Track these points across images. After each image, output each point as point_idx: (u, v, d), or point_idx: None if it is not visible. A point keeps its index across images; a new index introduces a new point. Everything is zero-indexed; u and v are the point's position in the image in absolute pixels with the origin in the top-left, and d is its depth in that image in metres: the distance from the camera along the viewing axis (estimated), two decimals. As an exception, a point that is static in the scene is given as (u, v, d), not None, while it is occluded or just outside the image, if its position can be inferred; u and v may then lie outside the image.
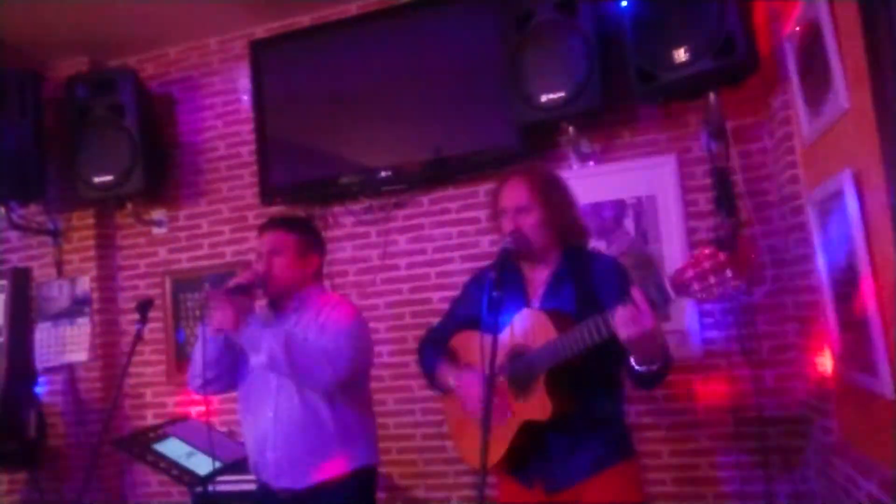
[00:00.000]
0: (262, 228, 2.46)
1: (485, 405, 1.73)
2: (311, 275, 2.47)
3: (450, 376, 2.15)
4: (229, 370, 2.41)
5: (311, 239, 2.49)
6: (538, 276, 2.10)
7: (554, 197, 2.09)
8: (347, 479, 2.31)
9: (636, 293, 1.69)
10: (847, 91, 2.06)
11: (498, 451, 2.00)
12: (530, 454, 2.01)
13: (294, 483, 2.28)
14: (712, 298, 1.62)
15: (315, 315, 2.38)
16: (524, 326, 2.00)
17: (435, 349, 2.27)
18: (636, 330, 1.68)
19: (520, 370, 1.98)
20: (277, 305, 2.45)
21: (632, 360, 1.80)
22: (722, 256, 1.59)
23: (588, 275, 2.04)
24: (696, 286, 1.61)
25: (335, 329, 2.31)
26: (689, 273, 1.61)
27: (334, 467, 2.29)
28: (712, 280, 1.59)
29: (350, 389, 2.33)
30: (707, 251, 1.61)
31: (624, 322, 1.69)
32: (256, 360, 2.27)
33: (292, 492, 2.29)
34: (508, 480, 2.10)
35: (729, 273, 1.58)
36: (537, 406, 1.92)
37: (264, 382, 2.35)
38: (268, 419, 2.32)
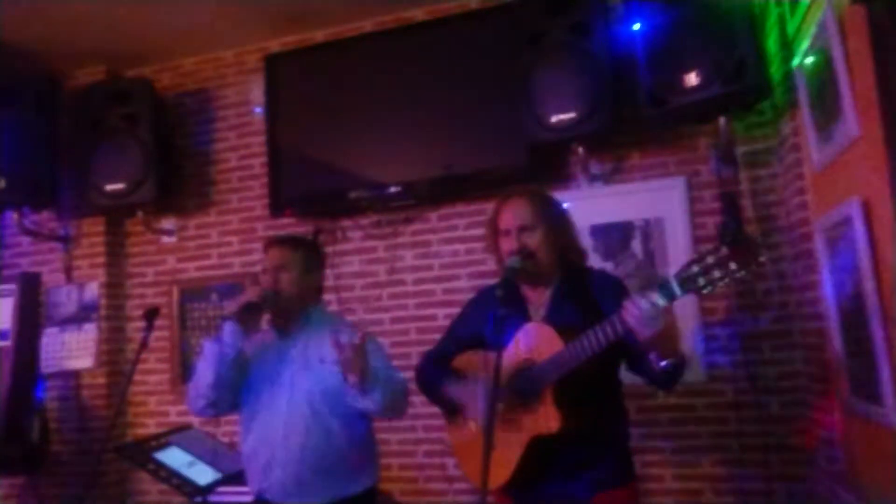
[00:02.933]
0: (268, 245, 2.46)
1: (488, 421, 1.73)
2: (315, 291, 2.49)
3: (453, 388, 2.14)
4: (232, 390, 2.38)
5: (315, 256, 2.51)
6: (539, 297, 2.11)
7: (554, 216, 2.11)
8: (357, 499, 2.32)
9: (648, 291, 1.70)
10: (857, 118, 2.06)
11: (506, 471, 1.99)
12: (535, 474, 2.00)
13: (302, 501, 2.27)
14: (716, 290, 1.65)
15: (325, 337, 2.24)
16: (529, 341, 2.00)
17: (437, 367, 2.26)
18: (653, 329, 1.68)
19: (526, 385, 1.97)
20: (282, 325, 2.44)
21: (651, 358, 1.80)
22: (725, 251, 1.61)
23: (588, 291, 2.05)
24: (701, 281, 1.63)
25: (383, 362, 2.34)
26: (694, 269, 1.64)
27: (343, 488, 2.30)
28: (717, 274, 1.61)
29: (355, 411, 2.31)
30: (710, 247, 1.64)
31: (639, 322, 1.69)
32: (363, 404, 2.19)
33: None
34: (507, 499, 2.08)
35: (733, 265, 1.60)
36: (545, 419, 1.92)
37: (273, 402, 2.33)
38: (277, 439, 2.29)
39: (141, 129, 3.79)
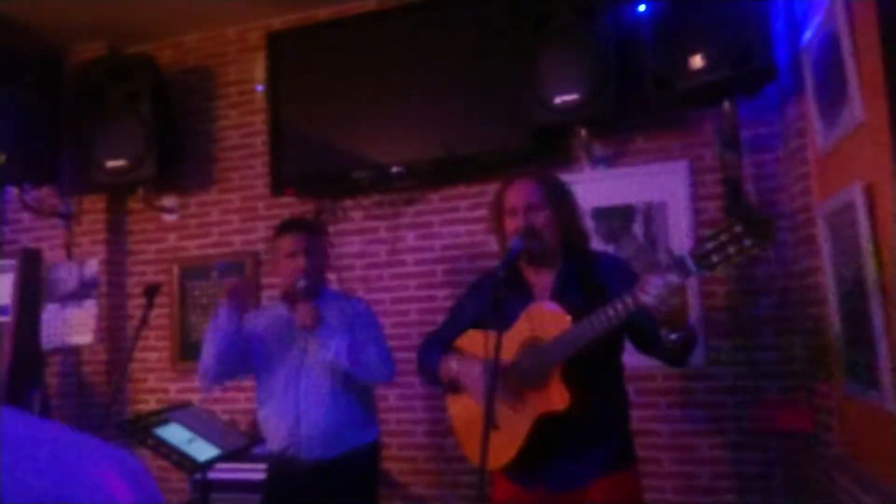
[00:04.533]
0: (290, 230, 2.64)
1: (487, 401, 1.73)
2: (324, 270, 2.76)
3: (452, 362, 2.12)
4: (234, 364, 2.62)
5: (325, 238, 2.85)
6: (543, 280, 2.10)
7: (561, 199, 2.11)
8: (366, 448, 2.61)
9: (667, 266, 1.71)
10: (862, 104, 2.05)
11: (511, 450, 1.99)
12: (540, 454, 2.00)
13: (325, 453, 2.53)
14: (732, 265, 1.66)
15: (334, 311, 2.60)
16: (536, 319, 1.99)
17: (437, 349, 2.25)
18: (666, 298, 1.69)
19: (533, 363, 1.97)
20: (292, 300, 2.63)
21: (662, 334, 1.80)
22: (739, 227, 1.61)
23: (593, 274, 2.04)
24: (714, 258, 1.64)
25: (375, 333, 2.63)
26: (708, 245, 1.65)
27: (356, 438, 2.59)
28: (731, 250, 1.62)
29: None
30: (724, 224, 1.64)
31: (654, 288, 1.69)
32: (317, 356, 2.53)
33: (322, 461, 2.53)
34: (505, 479, 2.09)
35: (747, 242, 1.60)
36: (554, 396, 1.91)
37: (290, 367, 2.59)
38: (299, 398, 2.56)
39: (142, 105, 3.78)
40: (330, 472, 2.53)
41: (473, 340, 2.15)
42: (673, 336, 1.79)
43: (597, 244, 3.22)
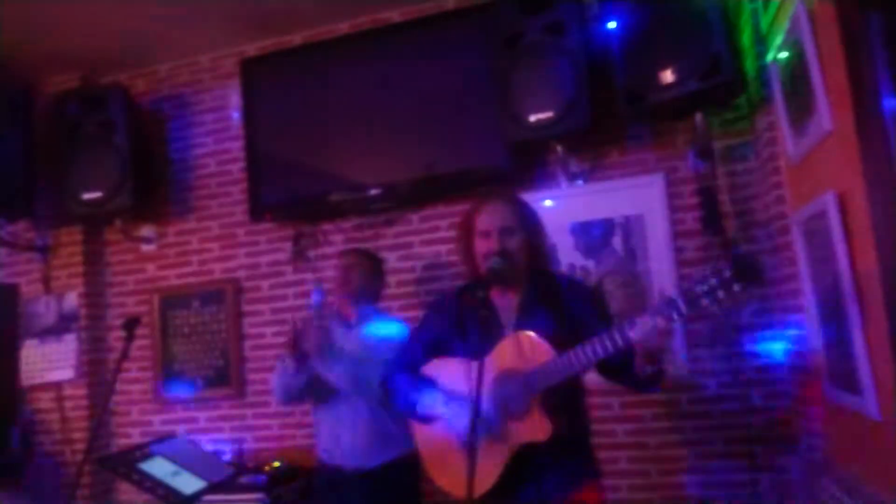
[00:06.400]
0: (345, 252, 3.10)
1: (471, 430, 1.73)
2: (376, 295, 3.03)
3: (437, 405, 2.08)
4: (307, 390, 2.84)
5: (378, 266, 3.06)
6: (508, 303, 2.12)
7: (532, 223, 2.15)
8: (406, 459, 2.67)
9: (662, 306, 1.75)
10: (830, 113, 2.09)
11: (489, 479, 1.98)
12: (513, 480, 2.00)
13: (366, 462, 2.72)
14: (722, 309, 1.72)
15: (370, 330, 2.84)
16: (514, 349, 1.99)
17: (410, 378, 2.20)
18: (657, 340, 1.77)
19: (513, 392, 1.97)
20: (342, 312, 2.93)
21: (637, 364, 1.84)
22: (728, 273, 1.66)
23: (557, 296, 2.08)
24: (705, 301, 1.69)
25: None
26: (698, 289, 1.69)
27: (396, 449, 2.71)
28: (721, 295, 1.67)
29: None
30: (713, 268, 1.69)
31: (644, 326, 1.75)
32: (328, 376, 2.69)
33: (364, 470, 2.72)
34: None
35: (736, 287, 1.65)
36: (534, 427, 1.93)
37: (333, 388, 2.76)
38: (343, 411, 2.76)
39: (117, 135, 3.76)
40: (371, 481, 2.71)
41: (445, 369, 2.13)
42: (649, 369, 1.85)
43: (577, 259, 3.25)
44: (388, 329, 2.83)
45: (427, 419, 2.12)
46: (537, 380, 1.92)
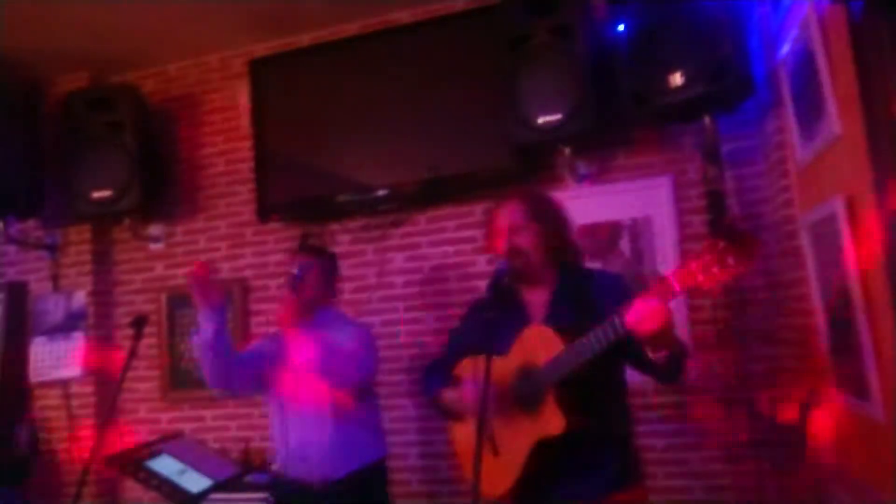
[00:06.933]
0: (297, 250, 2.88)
1: (479, 427, 1.73)
2: (332, 296, 2.87)
3: (450, 394, 2.14)
4: (235, 367, 2.61)
5: (333, 265, 2.89)
6: (537, 299, 2.11)
7: (548, 216, 2.12)
8: (374, 467, 2.66)
9: (643, 294, 1.71)
10: (839, 117, 2.08)
11: (511, 477, 1.98)
12: (542, 478, 1.99)
13: (333, 473, 2.58)
14: (716, 285, 1.64)
15: (334, 330, 2.67)
16: (529, 344, 2.00)
17: (438, 375, 2.26)
18: (652, 323, 1.68)
19: (527, 387, 1.97)
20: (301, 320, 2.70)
21: (649, 353, 1.80)
22: (721, 244, 1.60)
23: (587, 292, 2.04)
24: (700, 277, 1.63)
25: (355, 339, 2.64)
26: (693, 265, 1.64)
27: (363, 457, 2.63)
28: (715, 270, 1.61)
29: (369, 391, 2.73)
30: (707, 242, 1.64)
31: (640, 316, 1.69)
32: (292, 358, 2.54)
33: (329, 481, 2.58)
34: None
35: (731, 260, 1.59)
36: (549, 421, 1.91)
37: (299, 385, 2.61)
38: (304, 418, 2.60)
39: (126, 135, 3.77)
40: (335, 494, 2.57)
41: (471, 366, 2.14)
42: (662, 356, 1.80)
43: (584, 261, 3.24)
44: (349, 330, 2.72)
45: (451, 414, 2.18)
46: (548, 373, 1.91)
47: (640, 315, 1.68)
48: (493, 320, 1.89)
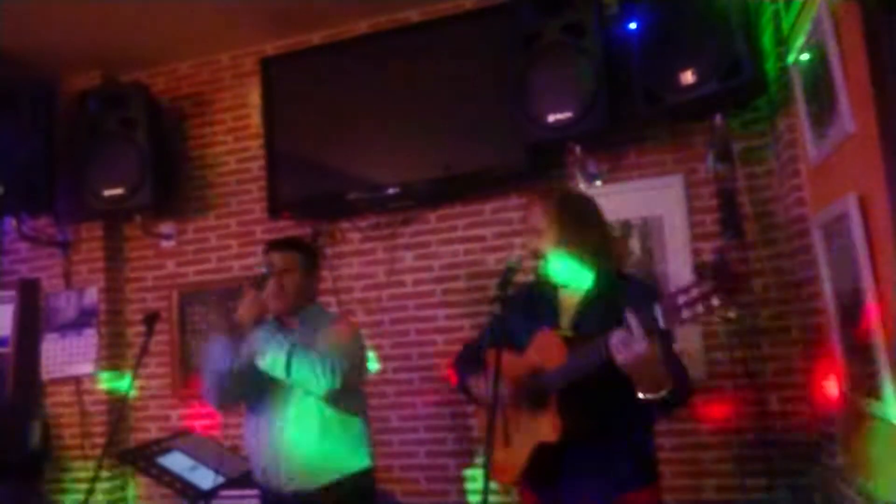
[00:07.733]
0: (270, 249, 2.58)
1: (489, 423, 1.75)
2: (314, 292, 2.64)
3: (473, 380, 2.20)
4: (239, 386, 2.47)
5: (313, 257, 2.66)
6: (571, 300, 2.10)
7: (571, 219, 2.06)
8: (354, 479, 2.46)
9: (631, 318, 1.68)
10: (852, 115, 2.07)
11: (515, 469, 2.03)
12: (551, 474, 2.01)
13: (307, 484, 2.40)
14: (698, 321, 1.66)
15: (316, 330, 2.50)
16: (540, 347, 2.02)
17: (468, 361, 2.30)
18: (628, 355, 1.68)
19: (533, 389, 1.99)
20: (283, 321, 2.56)
21: (639, 394, 1.77)
22: (707, 287, 1.58)
23: (618, 300, 1.94)
24: (685, 314, 1.61)
25: (331, 342, 2.42)
26: (679, 300, 1.62)
27: (342, 468, 2.45)
28: (700, 309, 1.59)
29: (350, 397, 2.46)
30: (694, 280, 1.62)
31: (617, 347, 1.69)
32: (261, 362, 2.34)
33: (304, 493, 2.40)
34: (529, 488, 2.12)
35: (715, 301, 1.57)
36: (547, 427, 1.93)
37: (275, 391, 2.46)
38: (280, 426, 2.44)
39: (137, 133, 3.79)
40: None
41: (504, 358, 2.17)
42: (645, 396, 1.77)
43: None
44: (329, 329, 2.52)
45: (475, 400, 2.25)
46: (552, 379, 1.93)
47: (621, 341, 1.68)
48: (502, 318, 1.90)
